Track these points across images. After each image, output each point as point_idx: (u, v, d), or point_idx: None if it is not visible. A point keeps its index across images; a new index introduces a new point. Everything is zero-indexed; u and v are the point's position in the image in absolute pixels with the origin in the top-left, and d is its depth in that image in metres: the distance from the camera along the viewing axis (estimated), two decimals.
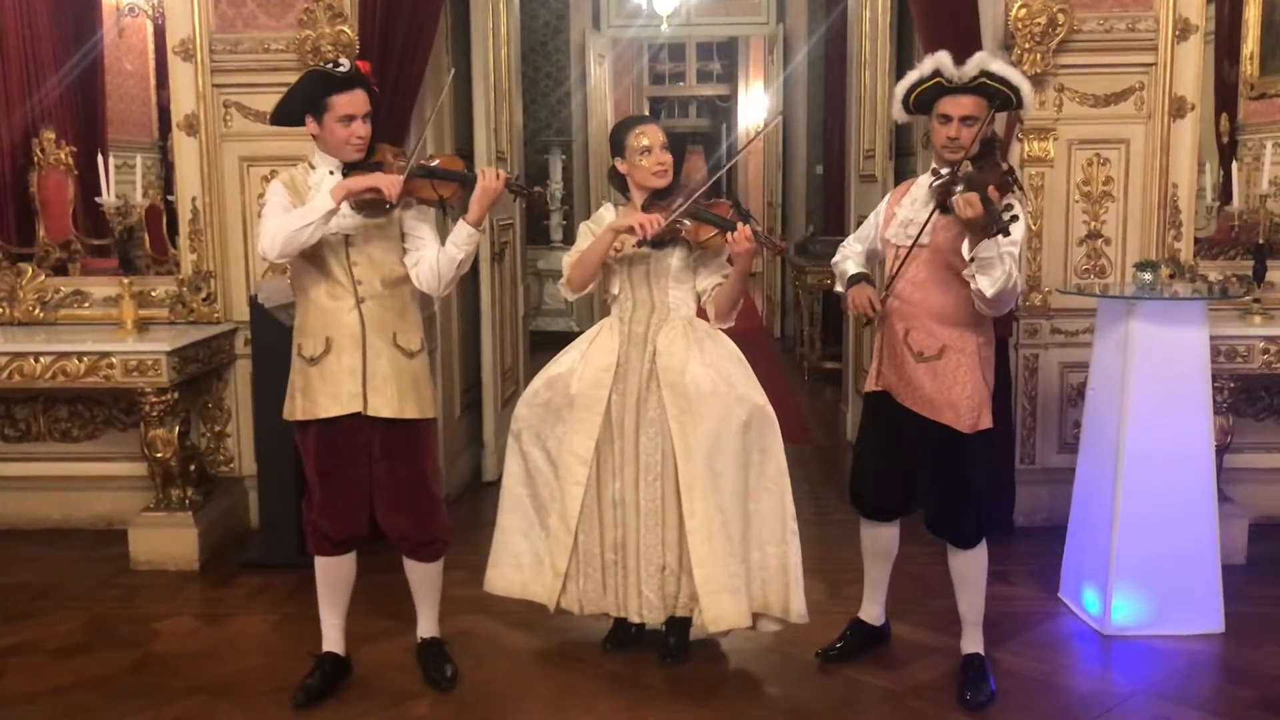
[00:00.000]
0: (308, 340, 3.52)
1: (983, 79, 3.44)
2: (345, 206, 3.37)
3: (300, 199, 3.44)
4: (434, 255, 3.51)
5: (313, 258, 3.46)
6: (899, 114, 3.69)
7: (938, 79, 3.47)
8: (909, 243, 3.52)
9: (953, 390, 3.49)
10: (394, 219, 3.48)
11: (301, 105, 3.45)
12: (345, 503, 3.57)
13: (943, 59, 3.49)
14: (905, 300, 3.55)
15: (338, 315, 3.47)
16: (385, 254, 3.50)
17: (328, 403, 3.48)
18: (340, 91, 3.38)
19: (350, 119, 3.40)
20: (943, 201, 3.41)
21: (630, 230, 3.57)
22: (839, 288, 3.82)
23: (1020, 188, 3.55)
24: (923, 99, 3.52)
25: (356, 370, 3.46)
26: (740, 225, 3.50)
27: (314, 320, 3.51)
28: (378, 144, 3.55)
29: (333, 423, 3.49)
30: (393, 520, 3.60)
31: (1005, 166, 3.46)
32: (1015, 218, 3.20)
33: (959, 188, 3.31)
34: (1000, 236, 3.19)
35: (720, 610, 3.64)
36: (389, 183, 3.33)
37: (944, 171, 3.48)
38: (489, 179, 3.45)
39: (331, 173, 3.47)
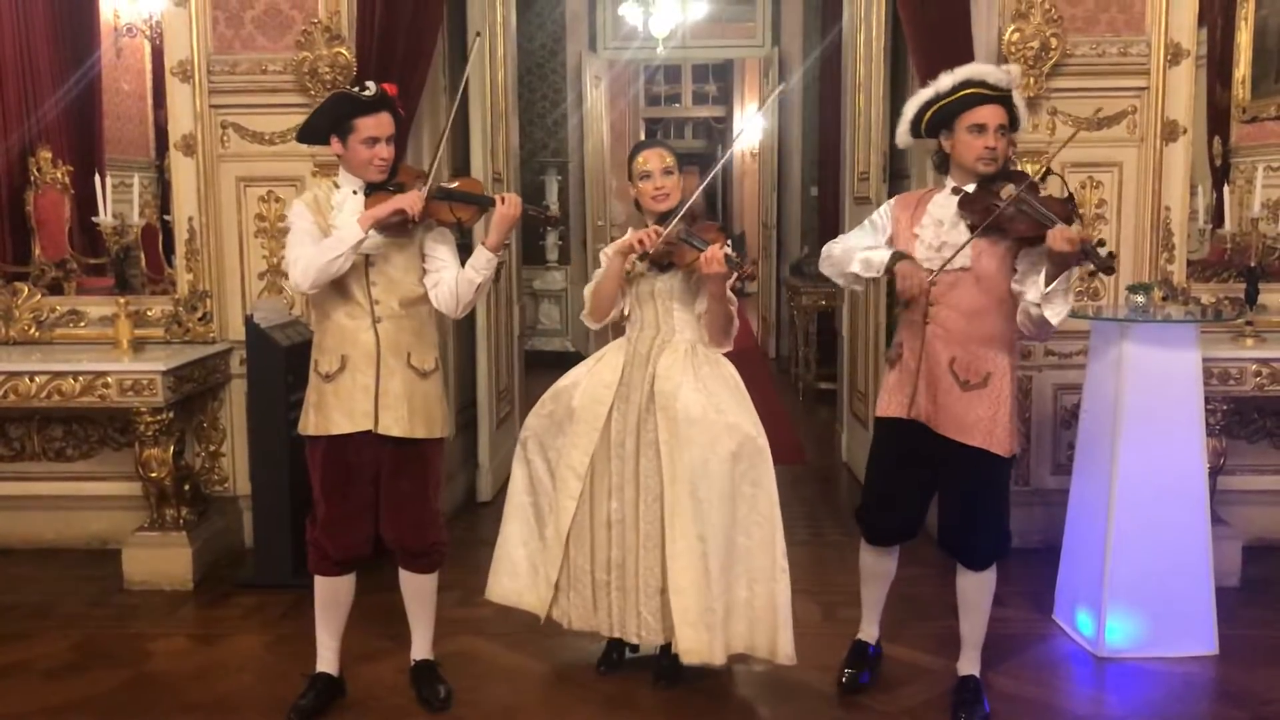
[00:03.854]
0: (324, 357, 3.54)
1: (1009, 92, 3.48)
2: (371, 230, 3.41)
3: (323, 218, 3.48)
4: (453, 278, 3.53)
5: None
6: (905, 137, 3.65)
7: (975, 88, 3.44)
8: (948, 267, 3.42)
9: (996, 416, 3.46)
10: (414, 240, 3.51)
11: (327, 125, 3.50)
12: (348, 522, 3.58)
13: (985, 69, 3.51)
14: (949, 328, 3.47)
15: (354, 334, 3.50)
16: (404, 274, 3.53)
17: (340, 419, 3.50)
18: (365, 114, 3.42)
19: (374, 141, 3.43)
20: (995, 225, 3.36)
21: (633, 248, 3.59)
22: (857, 269, 3.53)
23: (1080, 217, 3.52)
24: (942, 114, 3.47)
25: (370, 388, 3.49)
26: (710, 248, 3.46)
27: (332, 338, 3.54)
28: (400, 164, 3.59)
29: (343, 439, 3.51)
30: (392, 529, 3.63)
31: (1066, 194, 3.48)
32: (1113, 254, 3.27)
33: (1018, 212, 3.33)
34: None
35: (693, 643, 3.58)
36: (410, 201, 3.37)
37: (984, 190, 3.42)
38: (508, 205, 3.47)
39: (355, 192, 3.51)
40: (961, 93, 3.45)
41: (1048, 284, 3.30)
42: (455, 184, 3.64)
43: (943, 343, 3.49)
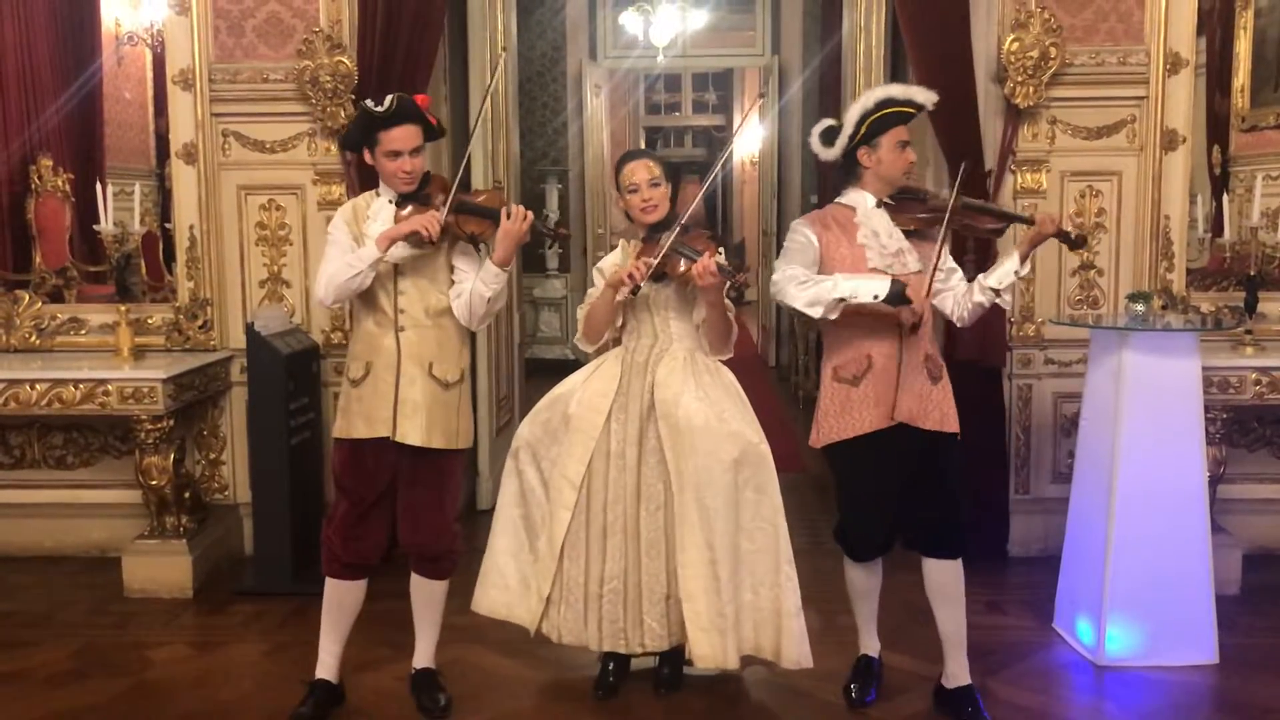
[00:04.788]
0: (353, 364, 3.61)
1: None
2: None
3: (359, 227, 3.55)
4: (469, 290, 3.55)
5: None
6: (835, 151, 3.64)
7: (902, 107, 3.57)
8: (906, 270, 3.51)
9: (952, 402, 3.63)
10: (441, 251, 3.54)
11: (357, 138, 3.58)
12: (360, 526, 3.61)
13: (910, 88, 3.66)
14: (922, 331, 3.57)
15: (379, 341, 3.55)
16: (431, 285, 3.56)
17: (361, 425, 3.55)
18: (386, 127, 3.45)
19: (396, 154, 3.47)
20: (961, 224, 3.64)
21: (623, 283, 3.54)
22: (843, 294, 3.42)
23: None
24: (871, 130, 3.55)
25: (389, 396, 3.52)
26: (701, 258, 3.46)
27: (361, 345, 3.61)
28: (433, 174, 3.62)
29: (363, 444, 3.56)
30: (407, 534, 3.66)
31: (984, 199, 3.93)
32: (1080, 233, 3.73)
33: (979, 211, 3.72)
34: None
35: (706, 649, 3.59)
36: (425, 222, 3.39)
37: (908, 200, 3.63)
38: (513, 220, 3.46)
39: (391, 201, 3.56)
40: (888, 109, 3.55)
41: (1022, 263, 3.52)
42: (480, 197, 3.63)
43: (918, 345, 3.58)
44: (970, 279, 3.69)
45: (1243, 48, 6.35)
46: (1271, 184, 5.59)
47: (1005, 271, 3.52)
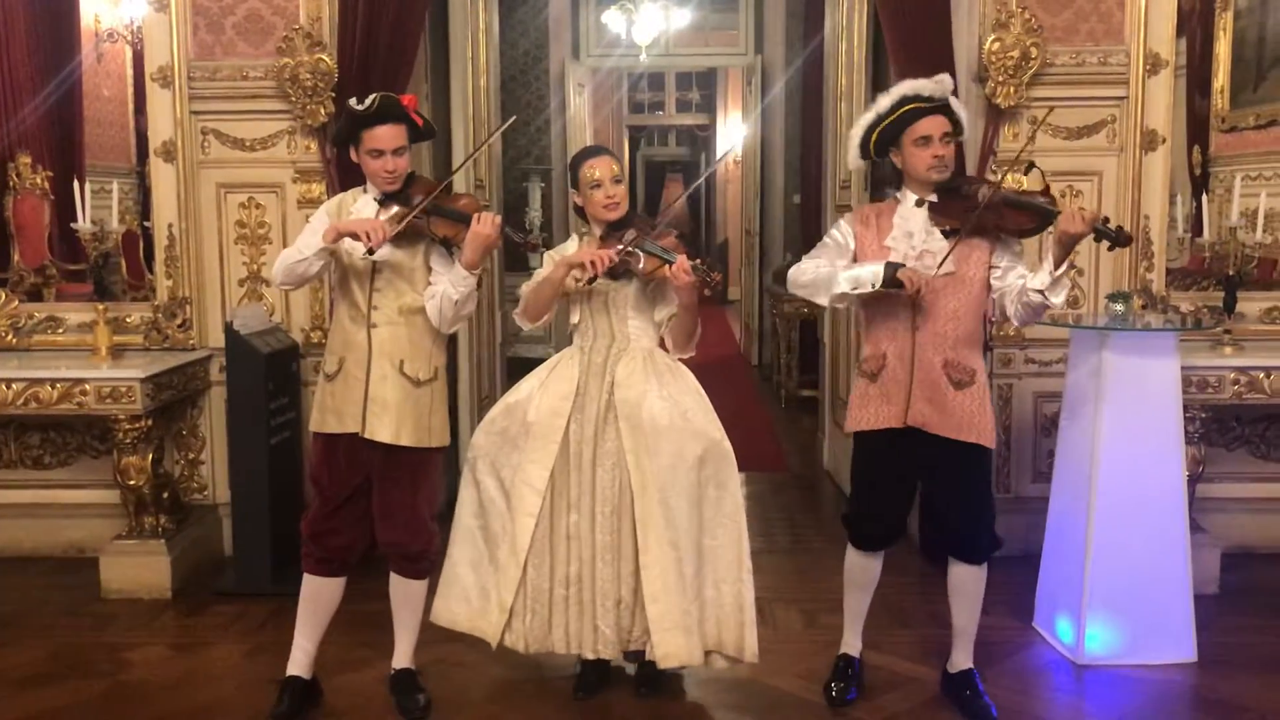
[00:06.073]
0: (328, 358, 3.64)
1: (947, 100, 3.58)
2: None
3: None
4: (440, 293, 3.54)
5: (342, 280, 3.59)
6: (856, 160, 3.70)
7: (915, 103, 3.52)
8: (933, 273, 3.46)
9: (983, 409, 3.56)
10: (419, 250, 3.54)
11: (344, 137, 3.58)
12: (333, 519, 3.61)
13: (919, 83, 3.57)
14: (939, 333, 3.53)
15: (352, 336, 3.56)
16: (408, 284, 3.55)
17: (332, 420, 3.57)
18: (368, 126, 3.45)
19: (379, 154, 3.46)
20: (984, 223, 3.47)
21: (583, 267, 3.52)
22: (845, 288, 3.51)
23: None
24: (888, 133, 3.54)
25: (360, 392, 3.53)
26: (680, 259, 3.46)
27: (336, 339, 3.63)
28: (418, 176, 3.61)
29: (335, 439, 3.57)
30: (383, 532, 3.65)
31: (1043, 185, 3.63)
32: (1121, 227, 3.47)
33: (1008, 207, 3.49)
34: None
35: (671, 647, 3.58)
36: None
37: (952, 196, 3.52)
38: (482, 224, 3.44)
39: (375, 200, 3.56)
40: (901, 109, 3.53)
41: (1057, 266, 3.40)
42: (460, 201, 3.60)
43: (934, 348, 3.54)
44: None
45: (1222, 49, 6.39)
46: (1250, 184, 5.63)
47: (1044, 274, 3.43)
